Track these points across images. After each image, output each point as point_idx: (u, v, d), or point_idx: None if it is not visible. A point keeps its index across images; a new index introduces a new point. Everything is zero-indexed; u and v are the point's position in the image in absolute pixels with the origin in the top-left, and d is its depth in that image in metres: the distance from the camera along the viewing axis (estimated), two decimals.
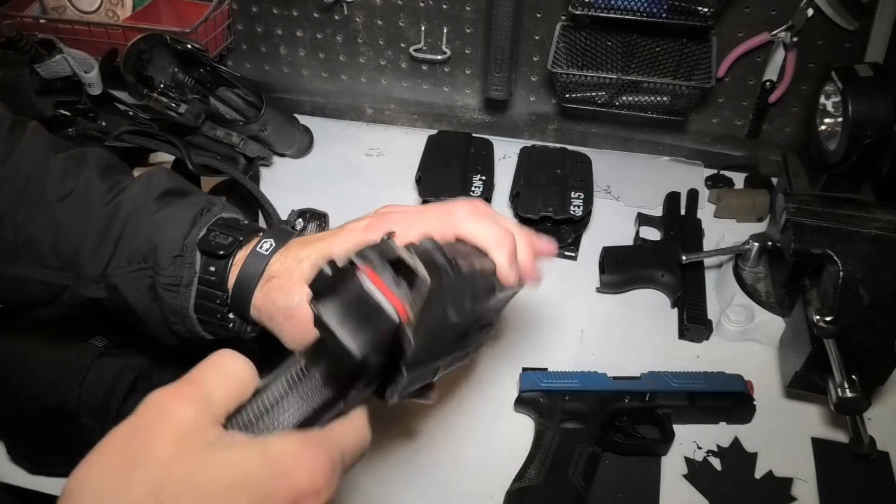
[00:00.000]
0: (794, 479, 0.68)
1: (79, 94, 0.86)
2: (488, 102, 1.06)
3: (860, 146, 0.70)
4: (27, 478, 0.68)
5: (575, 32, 0.92)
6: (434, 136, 1.01)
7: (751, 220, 0.94)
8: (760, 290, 0.80)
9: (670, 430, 0.69)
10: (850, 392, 0.62)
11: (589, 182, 0.93)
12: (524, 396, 0.71)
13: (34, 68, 0.81)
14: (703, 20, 0.84)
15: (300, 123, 1.06)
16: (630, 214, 0.94)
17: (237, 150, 0.97)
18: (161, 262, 0.53)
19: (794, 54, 0.89)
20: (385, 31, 1.03)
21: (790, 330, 0.73)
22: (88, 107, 0.86)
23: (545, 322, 0.82)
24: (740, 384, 0.72)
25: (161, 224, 0.55)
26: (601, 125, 1.04)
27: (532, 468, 0.66)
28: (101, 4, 1.05)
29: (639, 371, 0.73)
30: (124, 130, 0.84)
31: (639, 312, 0.83)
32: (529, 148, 1.00)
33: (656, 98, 0.93)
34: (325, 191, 0.99)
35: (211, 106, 0.99)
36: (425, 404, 0.52)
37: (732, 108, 0.98)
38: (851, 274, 0.63)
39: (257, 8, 1.05)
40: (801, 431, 0.72)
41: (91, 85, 0.85)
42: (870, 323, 0.62)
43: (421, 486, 0.67)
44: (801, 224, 0.66)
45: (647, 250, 0.87)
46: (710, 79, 0.86)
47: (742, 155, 1.01)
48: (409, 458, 0.70)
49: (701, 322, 0.79)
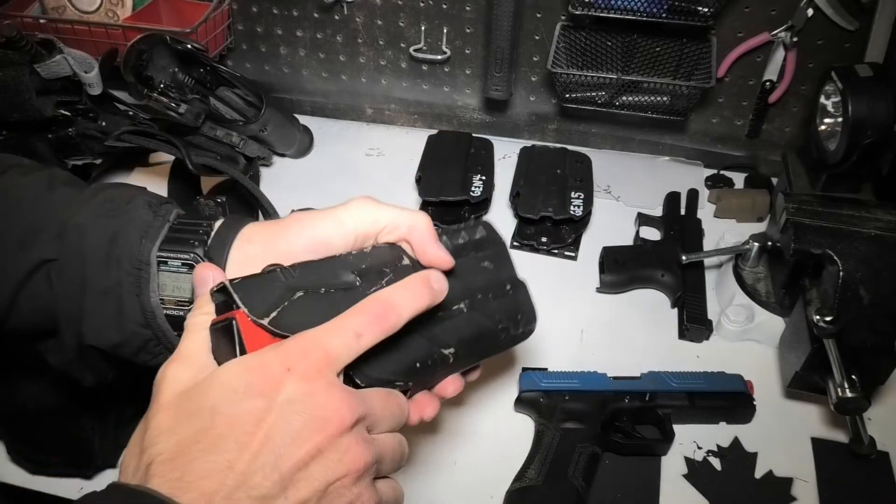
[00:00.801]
0: (794, 479, 0.68)
1: (79, 94, 0.86)
2: (488, 102, 1.06)
3: (860, 146, 0.70)
4: (27, 478, 0.68)
5: (575, 32, 0.92)
6: (434, 136, 1.01)
7: (751, 220, 0.94)
8: (760, 290, 0.80)
9: (670, 430, 0.69)
10: (850, 392, 0.62)
11: (589, 182, 0.93)
12: (524, 396, 0.71)
13: (34, 68, 0.81)
14: (703, 20, 0.84)
15: (300, 123, 1.06)
16: (630, 214, 0.94)
17: (237, 150, 0.97)
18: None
19: (794, 54, 0.89)
20: (385, 31, 1.03)
21: (790, 330, 0.73)
22: (88, 107, 0.86)
23: (545, 322, 0.81)
24: (740, 384, 0.72)
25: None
26: (601, 125, 1.04)
27: (532, 468, 0.66)
28: (101, 4, 1.05)
29: (639, 371, 0.73)
30: (124, 130, 0.84)
31: (639, 312, 0.83)
32: (529, 148, 1.00)
33: (656, 98, 0.93)
34: (324, 191, 0.99)
35: (211, 106, 0.99)
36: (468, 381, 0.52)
37: (732, 108, 0.98)
38: (851, 274, 0.63)
39: (257, 8, 1.05)
40: (801, 431, 0.72)
41: (91, 85, 0.84)
42: (870, 323, 0.62)
43: (421, 485, 0.67)
44: (801, 224, 0.66)
45: (647, 250, 0.87)
46: (710, 79, 0.86)
47: (742, 155, 1.01)
48: (409, 457, 0.69)
49: (701, 322, 0.79)
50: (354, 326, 0.39)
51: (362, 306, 0.40)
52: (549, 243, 0.89)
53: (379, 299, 0.41)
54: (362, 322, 0.39)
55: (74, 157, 0.86)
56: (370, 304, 0.40)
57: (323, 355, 0.37)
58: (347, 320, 0.39)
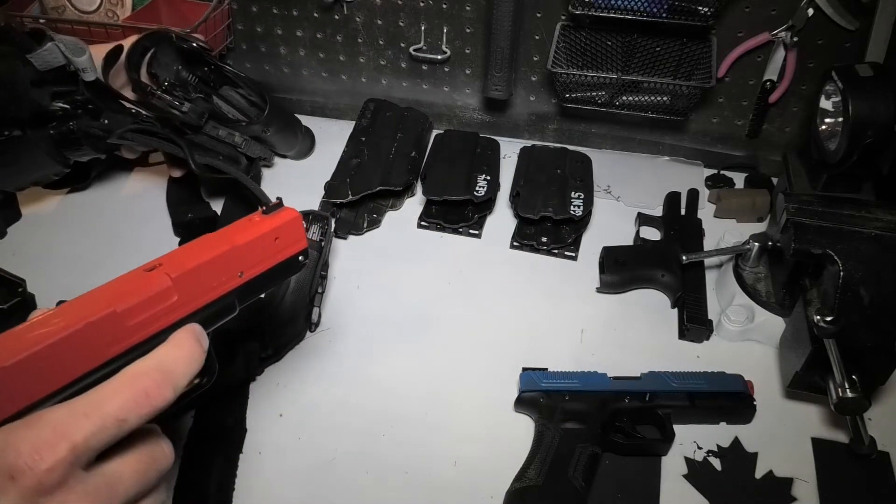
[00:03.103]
0: (794, 479, 0.68)
1: (75, 84, 0.84)
2: (488, 102, 1.06)
3: (860, 146, 0.70)
4: None
5: (575, 32, 0.92)
6: (440, 135, 1.02)
7: (751, 220, 0.94)
8: (760, 290, 0.80)
9: (670, 430, 0.69)
10: (850, 392, 0.62)
11: (589, 182, 0.93)
12: (524, 396, 0.71)
13: (28, 59, 0.80)
14: (703, 20, 0.84)
15: (302, 125, 1.06)
16: (630, 214, 0.94)
17: (239, 150, 0.96)
18: None
19: (795, 54, 0.89)
20: (385, 31, 1.03)
21: (790, 330, 0.73)
22: (86, 97, 0.85)
23: (545, 322, 0.82)
24: (740, 384, 0.72)
25: None
26: (601, 125, 1.04)
27: (532, 468, 0.66)
28: (101, 4, 1.05)
29: (639, 371, 0.73)
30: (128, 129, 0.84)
31: (639, 312, 0.83)
32: (529, 148, 1.00)
33: (656, 98, 0.93)
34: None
35: (214, 105, 0.99)
36: None
37: (732, 107, 0.98)
38: (851, 274, 0.63)
39: (257, 8, 1.05)
40: (801, 431, 0.72)
41: (84, 70, 0.83)
42: (870, 323, 0.62)
43: (421, 485, 0.67)
44: (802, 224, 0.66)
45: (647, 250, 0.87)
46: (711, 79, 0.86)
47: (742, 155, 1.01)
48: (409, 457, 0.70)
49: (701, 322, 0.79)
50: (115, 410, 0.32)
51: (126, 380, 0.34)
52: (549, 243, 0.89)
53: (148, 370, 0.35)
54: (126, 403, 0.33)
55: (77, 152, 0.86)
56: (136, 378, 0.34)
57: (68, 450, 0.30)
58: (107, 401, 0.32)
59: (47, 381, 0.37)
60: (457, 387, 0.75)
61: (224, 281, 0.48)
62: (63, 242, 0.91)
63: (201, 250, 0.47)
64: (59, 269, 0.87)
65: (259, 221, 0.51)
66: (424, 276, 0.87)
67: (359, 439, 0.71)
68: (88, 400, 0.33)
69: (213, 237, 0.49)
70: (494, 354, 0.78)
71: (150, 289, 0.43)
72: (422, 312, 0.83)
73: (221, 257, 0.48)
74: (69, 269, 0.87)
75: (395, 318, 0.82)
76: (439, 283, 0.86)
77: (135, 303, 0.41)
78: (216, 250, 0.48)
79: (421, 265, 0.89)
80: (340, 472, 0.68)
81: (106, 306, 0.40)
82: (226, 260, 0.48)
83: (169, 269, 0.44)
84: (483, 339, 0.80)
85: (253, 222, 0.51)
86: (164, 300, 0.43)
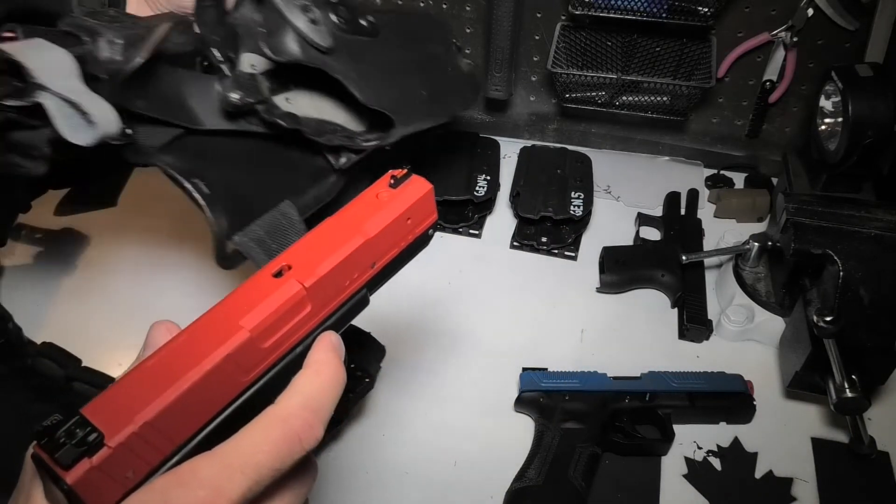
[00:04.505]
0: (794, 479, 0.68)
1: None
2: (488, 102, 1.06)
3: (860, 146, 0.70)
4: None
5: (575, 32, 0.92)
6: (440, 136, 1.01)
7: (751, 220, 0.94)
8: (760, 290, 0.80)
9: (670, 430, 0.69)
10: (850, 392, 0.62)
11: (589, 182, 0.93)
12: (524, 396, 0.71)
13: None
14: (703, 20, 0.84)
15: None
16: (630, 214, 0.94)
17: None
18: None
19: (794, 54, 0.89)
20: None
21: (790, 330, 0.73)
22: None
23: (545, 322, 0.82)
24: (740, 384, 0.72)
25: None
26: (601, 125, 1.04)
27: (532, 468, 0.66)
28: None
29: (639, 371, 0.73)
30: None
31: (639, 312, 0.83)
32: (529, 148, 1.00)
33: (656, 98, 0.93)
34: None
35: None
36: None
37: (732, 108, 0.98)
38: (851, 274, 0.63)
39: None
40: (801, 431, 0.72)
41: None
42: (870, 323, 0.63)
43: (421, 485, 0.67)
44: (802, 224, 0.66)
45: (647, 250, 0.87)
46: (710, 79, 0.86)
47: (742, 155, 1.01)
48: (409, 457, 0.70)
49: (701, 322, 0.79)
50: (270, 461, 0.31)
51: (275, 425, 0.32)
52: (549, 243, 0.89)
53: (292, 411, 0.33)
54: (280, 452, 0.32)
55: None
56: (286, 422, 0.32)
57: None
58: (259, 452, 0.31)
59: (187, 423, 0.34)
60: (457, 386, 0.75)
61: (356, 277, 0.41)
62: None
63: (331, 246, 0.40)
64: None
65: (389, 200, 0.42)
66: (424, 276, 0.87)
67: (359, 439, 0.71)
68: (240, 452, 0.32)
69: (340, 225, 0.41)
70: (494, 354, 0.78)
71: (283, 303, 0.37)
72: (422, 312, 0.83)
73: (355, 253, 0.40)
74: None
75: (394, 319, 0.82)
76: (439, 283, 0.86)
77: (269, 323, 0.36)
78: (349, 246, 0.40)
79: (421, 265, 0.88)
80: (340, 472, 0.68)
81: (238, 328, 0.35)
82: (359, 255, 0.41)
83: (300, 275, 0.38)
84: (483, 338, 0.80)
85: (382, 202, 0.42)
86: (297, 313, 0.38)
